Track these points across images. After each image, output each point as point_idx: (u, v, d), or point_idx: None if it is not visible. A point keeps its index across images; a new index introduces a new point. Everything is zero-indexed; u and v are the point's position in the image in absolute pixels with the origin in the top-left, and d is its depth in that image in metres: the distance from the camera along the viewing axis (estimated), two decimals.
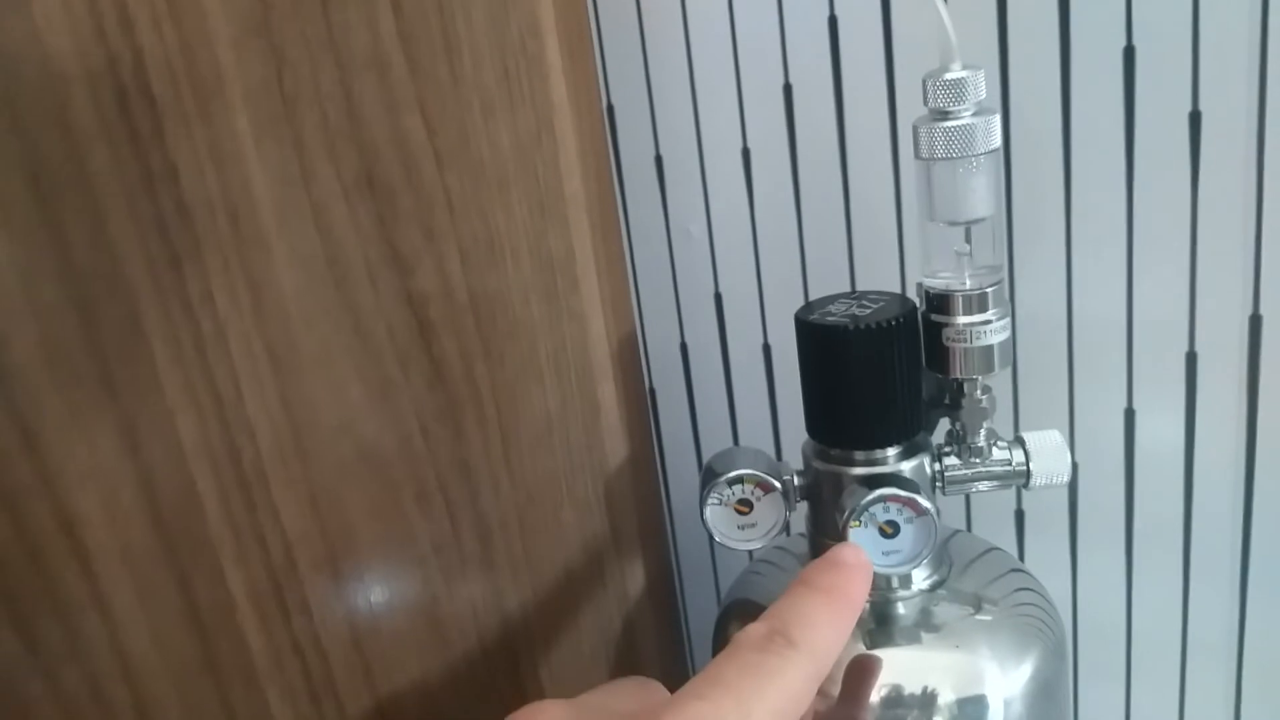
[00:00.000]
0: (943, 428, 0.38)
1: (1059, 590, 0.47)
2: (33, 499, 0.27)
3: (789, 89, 0.45)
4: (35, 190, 0.26)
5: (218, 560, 0.31)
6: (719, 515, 0.38)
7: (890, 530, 0.35)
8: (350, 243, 0.33)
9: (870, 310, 0.36)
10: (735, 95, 0.46)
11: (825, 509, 0.37)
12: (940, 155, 0.34)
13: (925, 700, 0.35)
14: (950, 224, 0.35)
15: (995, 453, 0.37)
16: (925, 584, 0.38)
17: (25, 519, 0.27)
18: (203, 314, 0.30)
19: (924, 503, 0.34)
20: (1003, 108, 0.41)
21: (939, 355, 0.36)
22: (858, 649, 0.36)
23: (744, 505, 0.38)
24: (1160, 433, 0.44)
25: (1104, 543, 0.47)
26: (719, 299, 0.50)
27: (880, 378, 0.35)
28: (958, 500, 0.49)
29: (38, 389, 0.27)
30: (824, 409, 0.37)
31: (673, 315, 0.51)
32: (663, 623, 0.50)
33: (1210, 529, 0.45)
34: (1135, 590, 0.47)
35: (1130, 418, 0.44)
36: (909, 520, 0.35)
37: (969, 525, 0.49)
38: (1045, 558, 0.48)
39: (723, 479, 0.37)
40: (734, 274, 0.49)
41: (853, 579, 0.29)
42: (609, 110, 0.48)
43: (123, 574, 0.29)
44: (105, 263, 0.27)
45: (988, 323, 0.35)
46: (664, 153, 0.48)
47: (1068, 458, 0.37)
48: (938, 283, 0.36)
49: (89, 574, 0.28)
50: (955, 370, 0.36)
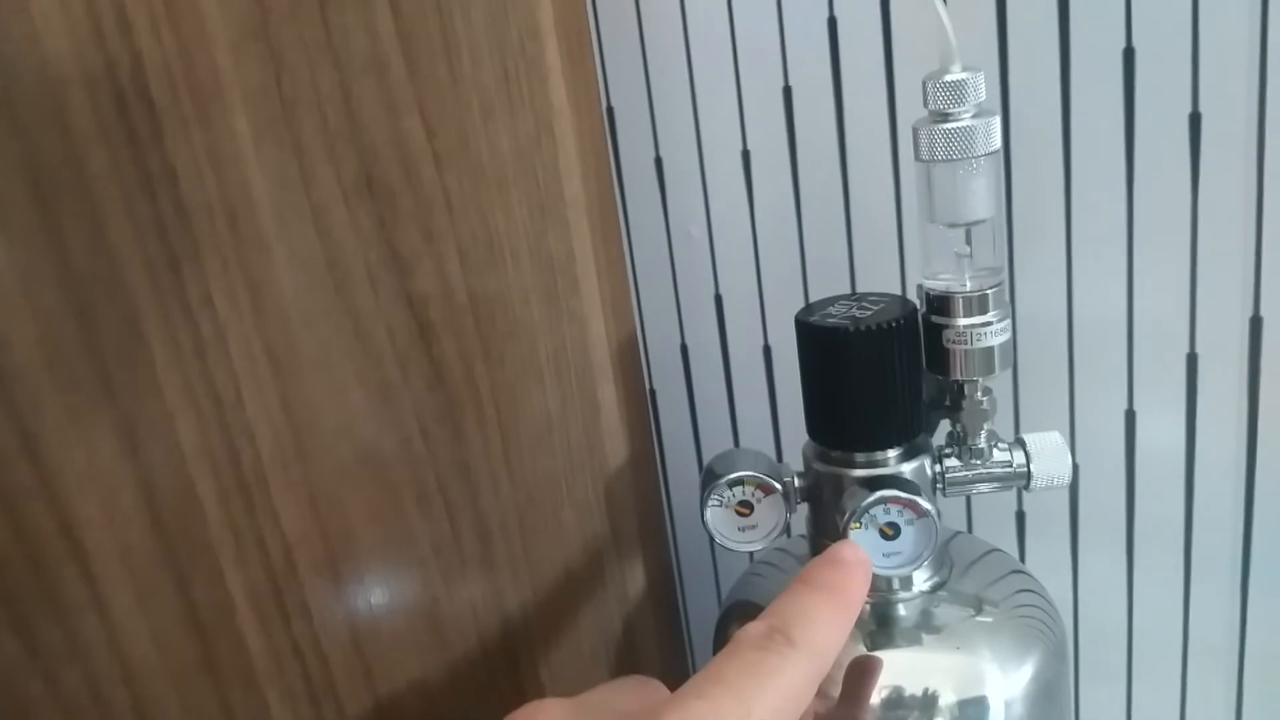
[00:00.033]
0: (943, 429, 0.38)
1: (1060, 591, 0.47)
2: (32, 501, 0.27)
3: (789, 91, 0.45)
4: (34, 193, 0.26)
5: (217, 562, 0.31)
6: (719, 517, 0.38)
7: (891, 532, 0.35)
8: (350, 244, 0.33)
9: (870, 312, 0.36)
10: (735, 97, 0.46)
11: (826, 510, 0.37)
12: (940, 157, 0.34)
13: (926, 702, 0.35)
14: (950, 226, 0.35)
15: (996, 454, 0.37)
16: (926, 585, 0.38)
17: (24, 521, 0.27)
18: (202, 316, 0.30)
19: (924, 504, 0.34)
20: (1003, 109, 0.41)
21: (939, 357, 0.36)
22: (858, 650, 0.36)
23: (744, 507, 0.38)
24: (1161, 434, 0.44)
25: (1105, 544, 0.47)
26: (719, 300, 0.50)
27: (880, 379, 0.35)
28: (958, 502, 0.49)
29: (37, 391, 0.27)
30: (824, 411, 0.37)
31: (673, 316, 0.51)
32: (663, 624, 0.50)
33: (1211, 530, 0.45)
34: (1136, 591, 0.47)
35: (1131, 419, 0.44)
36: (910, 522, 0.35)
37: (970, 527, 0.49)
38: (1046, 559, 0.48)
39: (723, 480, 0.37)
40: (734, 275, 0.49)
41: (852, 577, 0.29)
42: (609, 112, 0.48)
43: (122, 576, 0.29)
44: (104, 265, 0.27)
45: (988, 324, 0.35)
46: (664, 154, 0.48)
47: (1068, 459, 0.37)
48: (938, 284, 0.36)
49: (88, 576, 0.28)
50: (956, 372, 0.36)
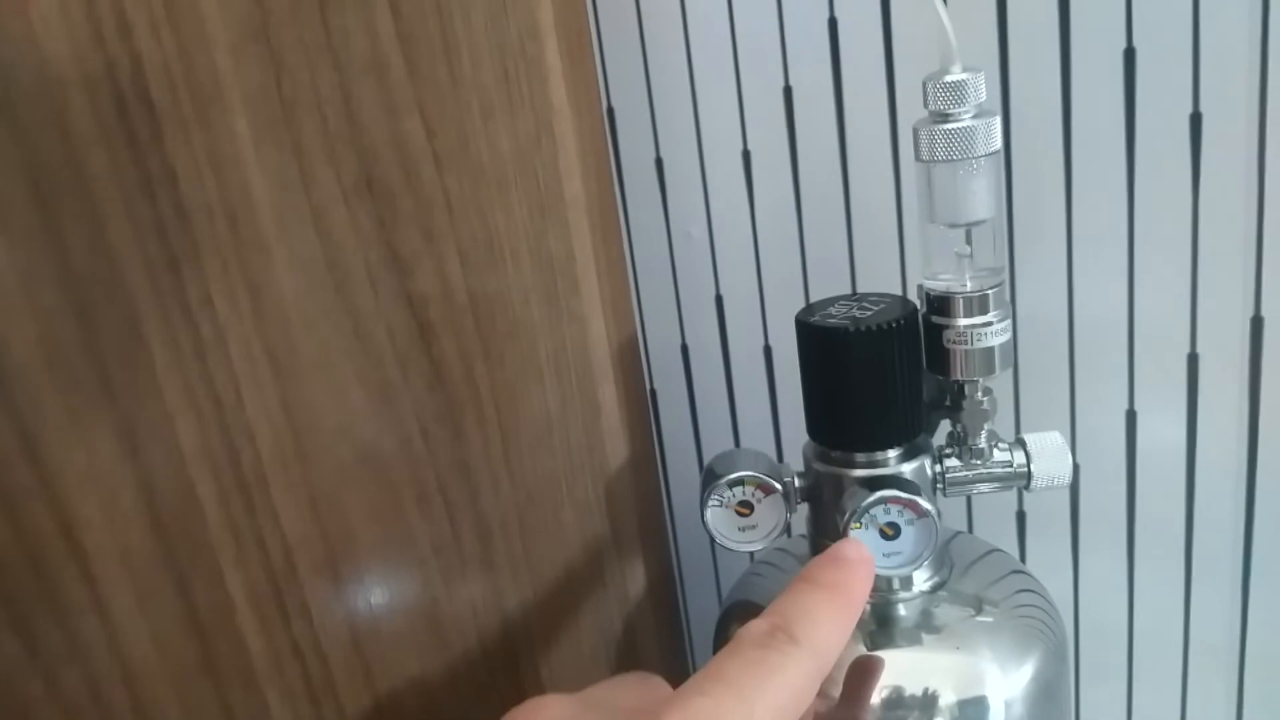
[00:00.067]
0: (944, 429, 0.38)
1: (1060, 591, 0.47)
2: (32, 502, 0.27)
3: (789, 91, 0.45)
4: (34, 194, 0.26)
5: (217, 563, 0.31)
6: (720, 517, 0.38)
7: (891, 532, 0.35)
8: (350, 245, 0.33)
9: (871, 312, 0.36)
10: (735, 97, 0.46)
11: (826, 511, 0.37)
12: (940, 157, 0.34)
13: (926, 702, 0.35)
14: (951, 226, 0.35)
15: (996, 454, 0.37)
16: (926, 585, 0.38)
17: (24, 522, 0.27)
18: (202, 317, 0.30)
19: (925, 504, 0.34)
20: (1003, 110, 0.41)
21: (940, 357, 0.36)
22: (859, 650, 0.36)
23: (745, 507, 0.38)
24: (1161, 434, 0.44)
25: (1105, 544, 0.47)
26: (720, 300, 0.50)
27: (881, 379, 0.35)
28: (959, 502, 0.49)
29: (37, 392, 0.27)
30: (825, 411, 0.37)
31: (673, 316, 0.51)
32: (663, 624, 0.50)
33: (1212, 530, 0.45)
34: (1137, 591, 0.47)
35: (1131, 419, 0.44)
36: (910, 522, 0.35)
37: (970, 527, 0.49)
38: (1046, 559, 0.48)
39: (723, 480, 0.37)
40: (735, 275, 0.49)
41: (855, 575, 0.29)
42: (609, 112, 0.48)
43: (122, 577, 0.29)
44: (104, 267, 0.27)
45: (988, 324, 0.35)
46: (664, 155, 0.48)
47: (1069, 459, 0.37)
48: (938, 284, 0.36)
49: (88, 577, 0.28)
50: (956, 372, 0.36)
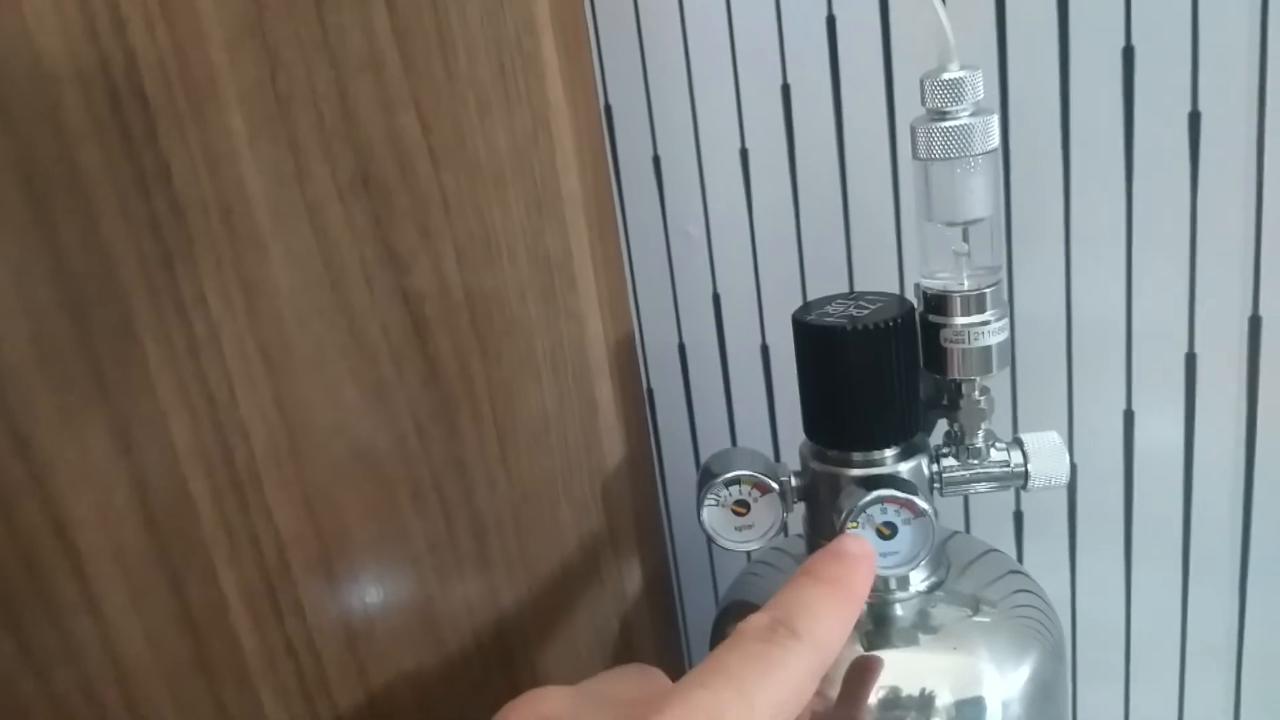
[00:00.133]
0: (941, 429, 0.38)
1: (1058, 592, 0.47)
2: (25, 500, 0.27)
3: (787, 89, 0.44)
4: (27, 190, 0.26)
5: (211, 561, 0.31)
6: (716, 516, 0.38)
7: (888, 532, 0.35)
8: (345, 242, 0.33)
9: (868, 311, 0.35)
10: (733, 95, 0.45)
11: (823, 510, 0.37)
12: (938, 155, 0.34)
13: (923, 702, 0.35)
14: (948, 224, 0.35)
15: (993, 454, 0.37)
16: (923, 585, 0.38)
17: (17, 520, 0.27)
18: (196, 315, 0.30)
19: (922, 504, 0.34)
20: (1001, 108, 0.41)
21: (937, 356, 0.36)
22: (856, 650, 0.36)
23: (741, 506, 0.37)
24: (1159, 434, 0.44)
25: (1103, 544, 0.47)
26: (717, 299, 0.50)
27: (878, 379, 0.35)
28: (956, 501, 0.48)
29: (30, 390, 0.27)
30: (821, 410, 0.37)
31: (671, 315, 0.51)
32: (660, 623, 0.50)
33: (1209, 530, 0.44)
34: (1134, 592, 0.47)
35: (1129, 419, 0.44)
36: (907, 521, 0.34)
37: (967, 527, 0.49)
38: (1044, 559, 0.48)
39: (720, 480, 0.37)
40: (732, 274, 0.49)
41: (857, 569, 0.29)
42: (607, 110, 0.48)
43: (115, 575, 0.29)
44: (98, 263, 0.27)
45: (986, 323, 0.35)
46: (662, 153, 0.48)
47: (1066, 459, 0.37)
48: (936, 283, 0.36)
49: (81, 575, 0.28)
50: (953, 371, 0.36)
